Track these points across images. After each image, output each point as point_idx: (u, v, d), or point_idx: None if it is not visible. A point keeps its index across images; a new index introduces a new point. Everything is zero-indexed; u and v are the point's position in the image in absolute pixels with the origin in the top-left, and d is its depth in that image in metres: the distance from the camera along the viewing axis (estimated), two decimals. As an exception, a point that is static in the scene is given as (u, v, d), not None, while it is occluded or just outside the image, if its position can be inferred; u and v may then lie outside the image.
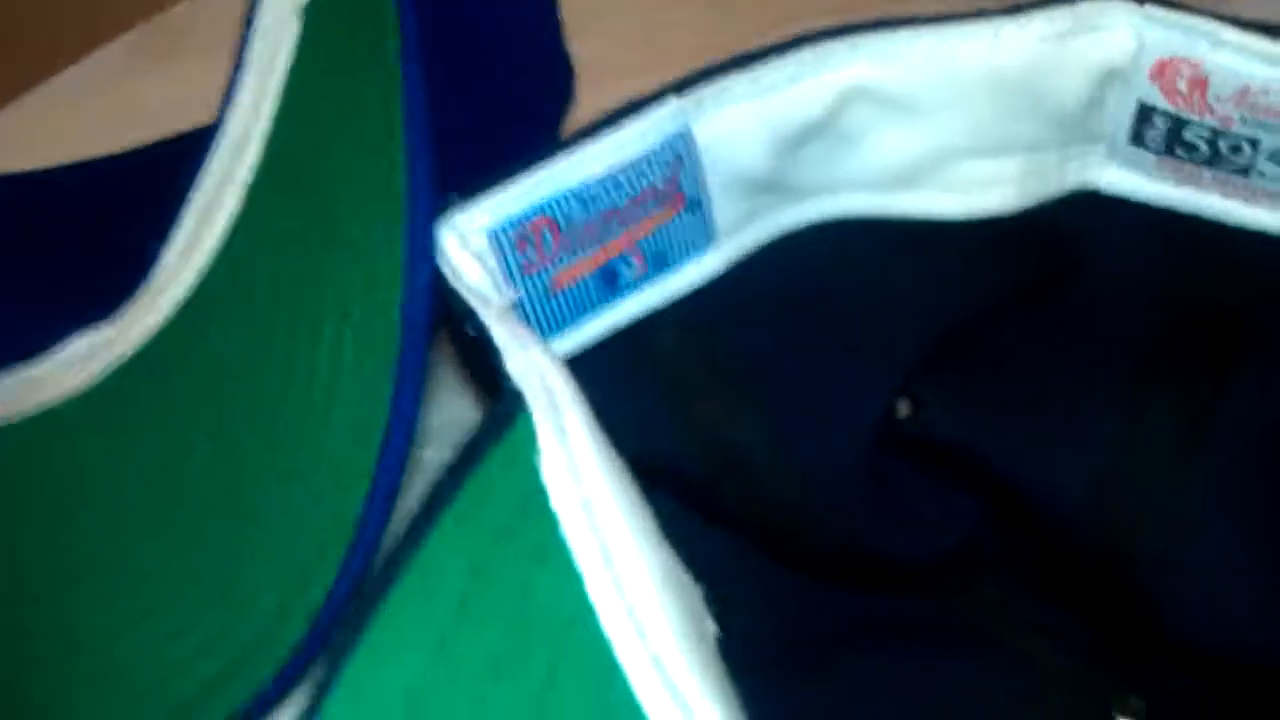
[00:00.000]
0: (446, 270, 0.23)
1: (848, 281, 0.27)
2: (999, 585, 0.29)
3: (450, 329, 0.23)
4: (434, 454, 0.24)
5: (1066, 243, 0.26)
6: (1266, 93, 0.22)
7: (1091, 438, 0.27)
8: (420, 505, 0.19)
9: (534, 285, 0.25)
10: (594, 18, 0.40)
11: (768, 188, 0.26)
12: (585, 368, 0.26)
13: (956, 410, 0.28)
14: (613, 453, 0.20)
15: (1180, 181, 0.25)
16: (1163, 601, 0.27)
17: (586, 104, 0.37)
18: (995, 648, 0.28)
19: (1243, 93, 0.23)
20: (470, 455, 0.19)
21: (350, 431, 0.23)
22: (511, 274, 0.24)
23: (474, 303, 0.21)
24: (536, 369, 0.20)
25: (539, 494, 0.19)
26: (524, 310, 0.25)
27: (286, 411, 0.24)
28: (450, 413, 0.29)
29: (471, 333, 0.21)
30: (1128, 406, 0.27)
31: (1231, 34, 0.22)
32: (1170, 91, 0.23)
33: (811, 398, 0.27)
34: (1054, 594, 0.29)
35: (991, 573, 0.29)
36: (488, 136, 0.32)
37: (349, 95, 0.26)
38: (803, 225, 0.27)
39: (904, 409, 0.28)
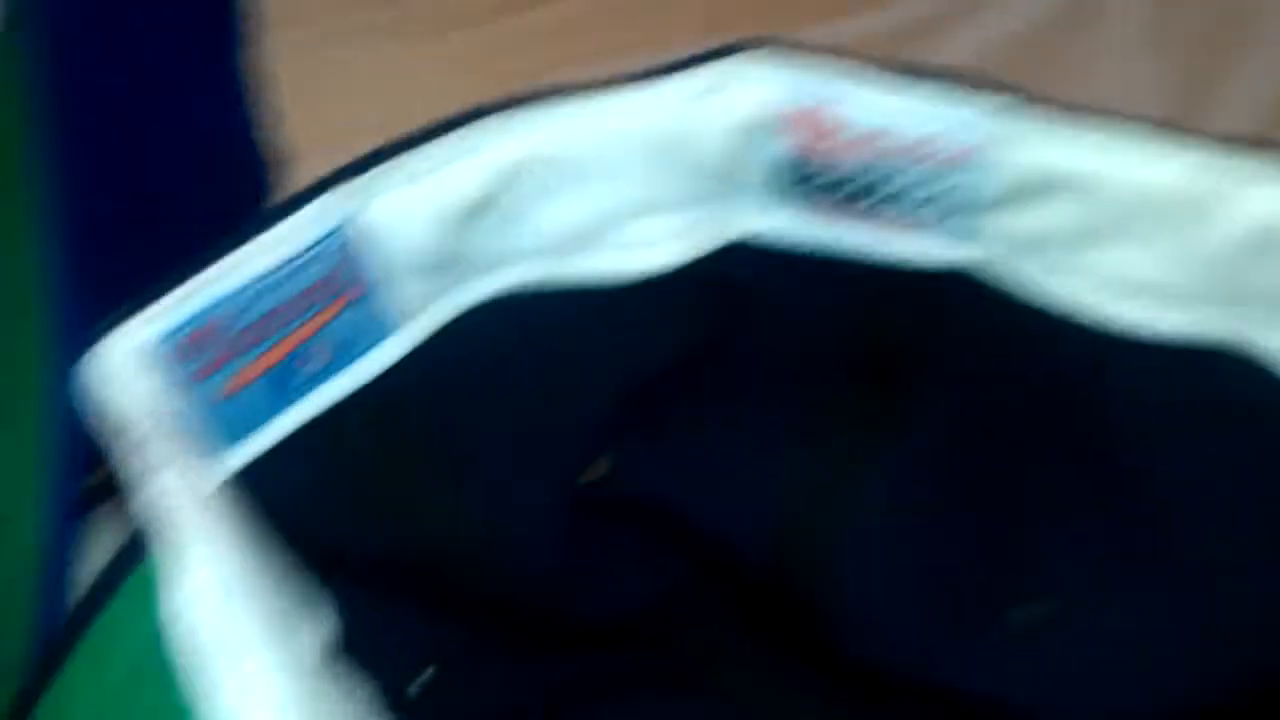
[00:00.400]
0: (93, 391, 0.21)
1: (533, 349, 0.27)
2: (714, 631, 0.29)
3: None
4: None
5: (736, 293, 0.27)
6: (892, 132, 0.24)
7: (773, 481, 0.28)
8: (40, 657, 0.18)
9: (204, 395, 0.24)
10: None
11: (444, 267, 0.26)
12: (275, 468, 0.25)
13: (648, 468, 0.28)
14: (258, 580, 0.19)
15: (833, 222, 0.26)
16: (843, 628, 0.28)
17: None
18: (716, 694, 0.29)
19: (870, 134, 0.24)
20: (99, 593, 0.18)
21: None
22: (178, 387, 0.23)
23: (116, 427, 0.20)
24: (171, 498, 0.19)
25: (163, 637, 0.18)
26: (195, 422, 0.24)
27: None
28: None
29: (109, 460, 0.20)
30: (804, 447, 0.28)
31: (860, 81, 0.24)
32: (811, 138, 0.25)
33: (507, 470, 0.27)
34: (767, 637, 0.30)
35: (705, 621, 0.29)
36: (168, 242, 0.31)
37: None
38: (486, 299, 0.27)
39: (597, 471, 0.28)
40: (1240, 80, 0.67)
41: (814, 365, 0.28)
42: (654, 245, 0.26)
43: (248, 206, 0.35)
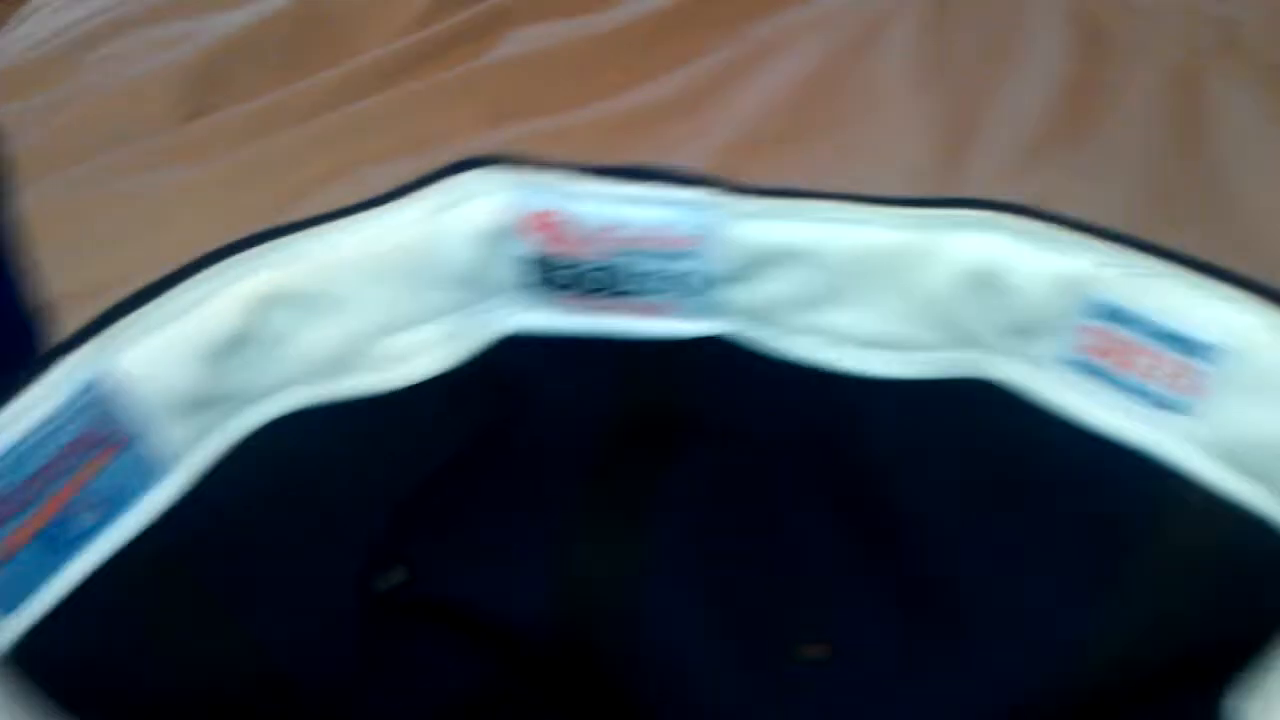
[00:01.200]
0: None
1: (309, 472, 0.28)
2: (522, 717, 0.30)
3: None
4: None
5: (508, 386, 0.29)
6: (622, 227, 0.26)
7: (552, 559, 0.29)
8: None
9: (-29, 566, 0.24)
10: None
11: (208, 404, 0.26)
12: (59, 629, 0.25)
13: (439, 570, 0.29)
14: None
15: (585, 311, 0.27)
16: (640, 692, 0.29)
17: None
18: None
19: (603, 230, 0.26)
20: None
21: None
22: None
23: None
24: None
25: None
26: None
27: None
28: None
29: None
30: (579, 523, 0.29)
31: (582, 184, 0.25)
32: (548, 240, 0.26)
33: (294, 593, 0.28)
34: (573, 713, 0.31)
35: (509, 714, 0.30)
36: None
37: None
38: (257, 428, 0.27)
39: (386, 580, 0.29)
40: (1003, 104, 0.70)
41: (587, 446, 0.29)
42: (414, 357, 0.27)
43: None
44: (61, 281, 0.39)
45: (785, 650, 0.30)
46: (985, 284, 0.25)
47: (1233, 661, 0.27)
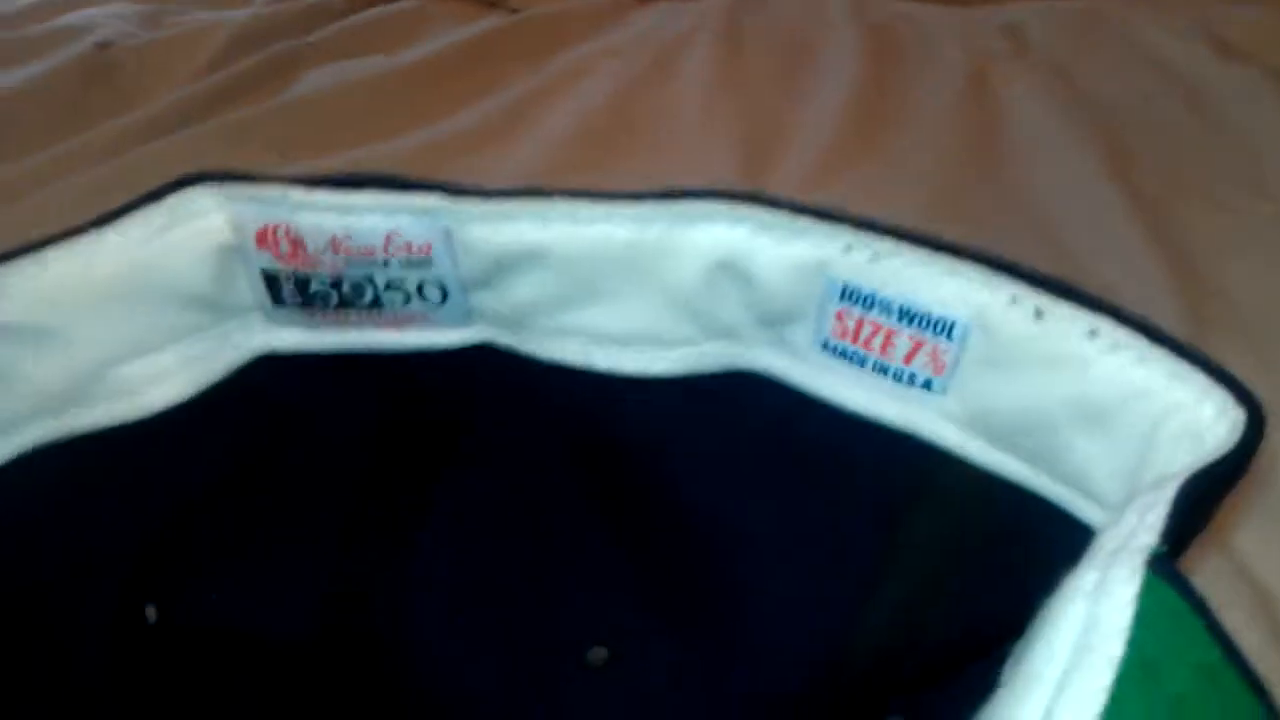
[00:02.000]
0: None
1: (58, 506, 0.26)
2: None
3: None
4: None
5: (265, 407, 0.27)
6: (351, 237, 0.25)
7: (311, 578, 0.28)
8: None
9: None
10: None
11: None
12: None
13: (196, 597, 0.28)
14: None
15: (334, 326, 0.27)
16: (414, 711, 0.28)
17: None
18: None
19: (333, 242, 0.25)
20: None
21: None
22: None
23: None
24: None
25: None
26: None
27: None
28: None
29: None
30: (344, 542, 0.28)
31: (302, 194, 0.24)
32: (279, 255, 0.25)
33: (44, 633, 0.26)
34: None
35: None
36: None
37: None
38: (3, 464, 0.26)
39: (151, 614, 0.28)
40: (801, 117, 0.72)
41: (353, 464, 0.28)
42: (153, 386, 0.26)
43: None
44: None
45: (558, 658, 0.29)
46: (731, 275, 0.25)
47: (1013, 632, 0.27)
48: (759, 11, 0.90)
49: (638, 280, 0.25)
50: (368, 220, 0.24)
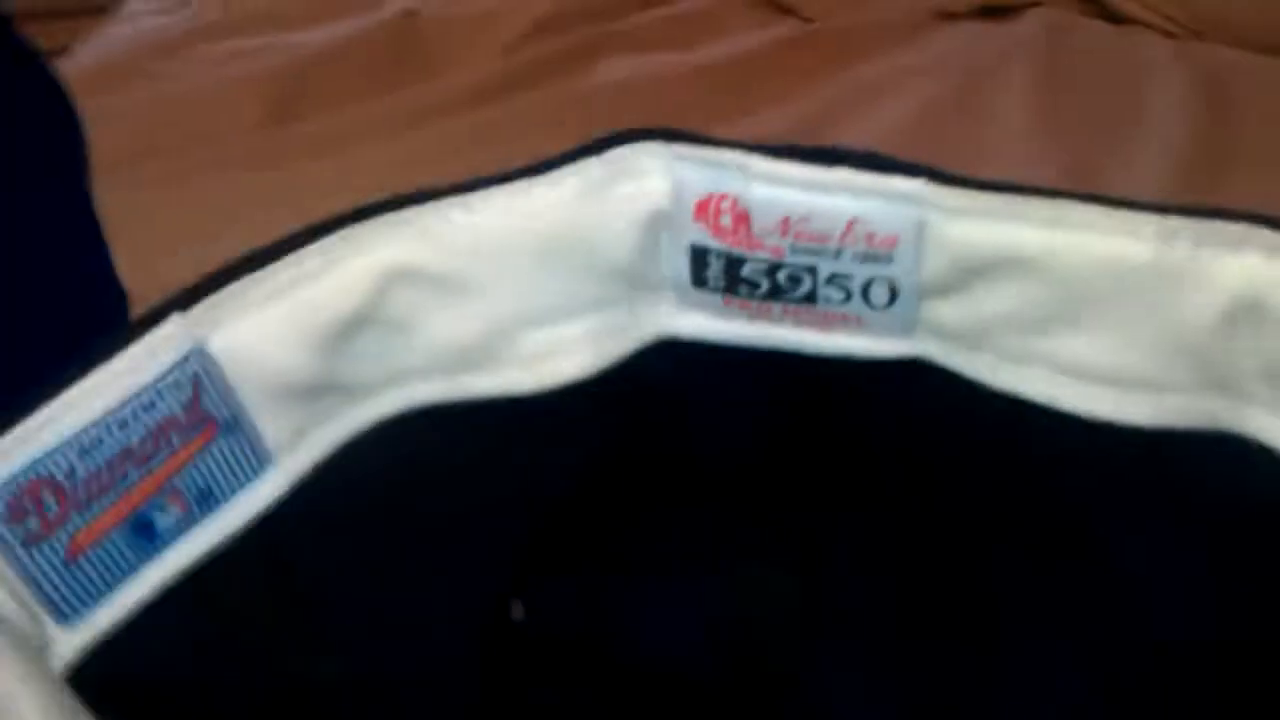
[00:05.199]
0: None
1: (432, 478, 0.24)
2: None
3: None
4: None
5: (657, 397, 0.25)
6: (808, 219, 0.22)
7: (707, 601, 0.25)
8: None
9: (46, 558, 0.20)
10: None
11: (320, 392, 0.23)
12: (144, 630, 0.22)
13: (568, 600, 0.25)
14: None
15: (752, 318, 0.24)
16: None
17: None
18: None
19: (784, 222, 0.22)
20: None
21: None
22: (13, 552, 0.20)
23: None
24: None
25: None
26: (40, 589, 0.21)
27: None
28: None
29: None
30: (738, 561, 0.25)
31: (762, 164, 0.22)
32: (717, 230, 0.22)
33: (408, 614, 0.24)
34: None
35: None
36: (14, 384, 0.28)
37: None
38: (372, 424, 0.24)
39: (518, 610, 0.25)
40: (1127, 162, 0.67)
41: (747, 469, 0.25)
42: (560, 355, 0.24)
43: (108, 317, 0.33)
44: (133, 277, 0.37)
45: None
46: (1252, 317, 0.20)
47: None
48: (1075, 41, 0.84)
49: (1144, 308, 0.21)
50: (833, 201, 0.21)
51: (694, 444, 0.25)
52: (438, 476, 0.24)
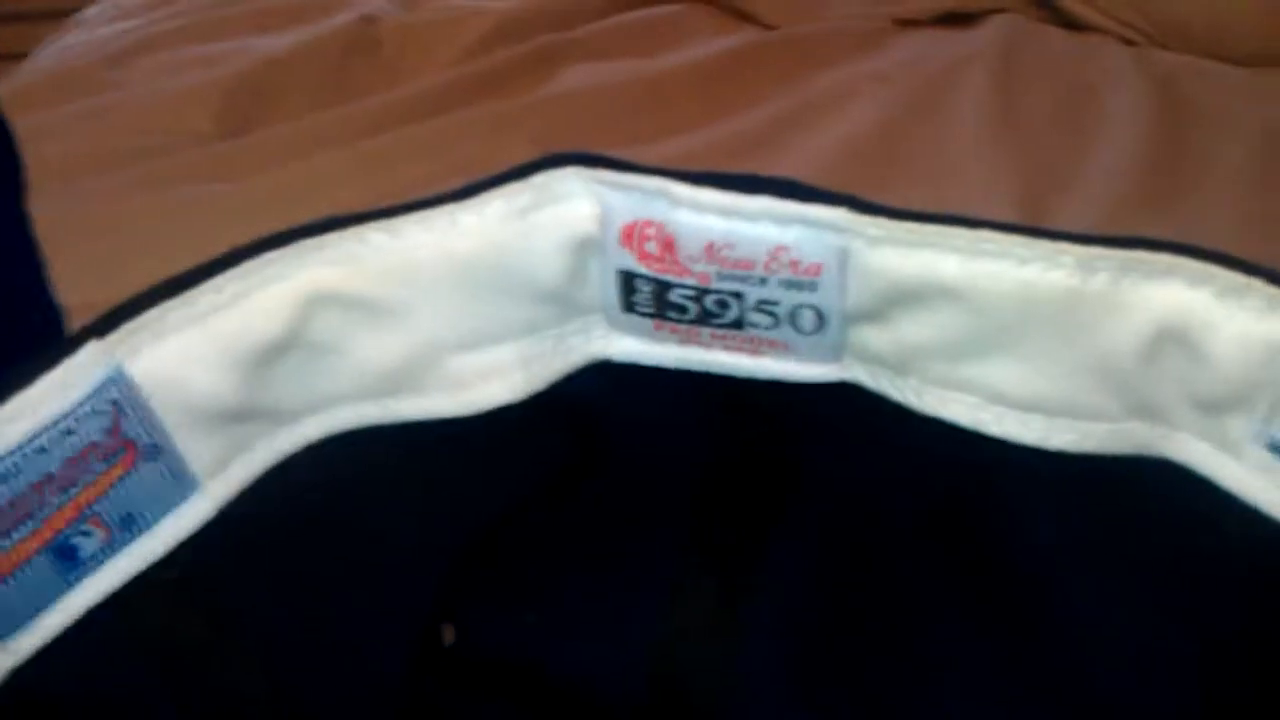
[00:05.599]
0: None
1: (360, 501, 0.24)
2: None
3: None
4: None
5: (589, 420, 0.25)
6: (732, 246, 0.22)
7: (637, 624, 0.25)
8: None
9: (-34, 582, 0.21)
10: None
11: (244, 416, 0.23)
12: (64, 656, 0.22)
13: (498, 623, 0.25)
14: None
15: (683, 342, 0.24)
16: None
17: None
18: None
19: (709, 249, 0.22)
20: None
21: None
22: (-69, 577, 0.20)
23: None
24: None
25: None
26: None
27: None
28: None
29: None
30: (669, 582, 0.25)
31: (685, 191, 0.21)
32: (644, 256, 0.22)
33: (334, 637, 0.24)
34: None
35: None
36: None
37: None
38: (299, 448, 0.24)
39: (448, 635, 0.25)
40: (1084, 169, 0.67)
41: (678, 493, 0.25)
42: (490, 378, 0.24)
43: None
44: (72, 294, 0.36)
45: None
46: (1179, 345, 0.21)
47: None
48: (1034, 47, 0.85)
49: (1066, 337, 0.21)
50: (757, 229, 0.21)
51: (625, 465, 0.25)
52: (366, 499, 0.24)
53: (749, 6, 0.89)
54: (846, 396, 0.23)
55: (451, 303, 0.23)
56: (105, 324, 0.20)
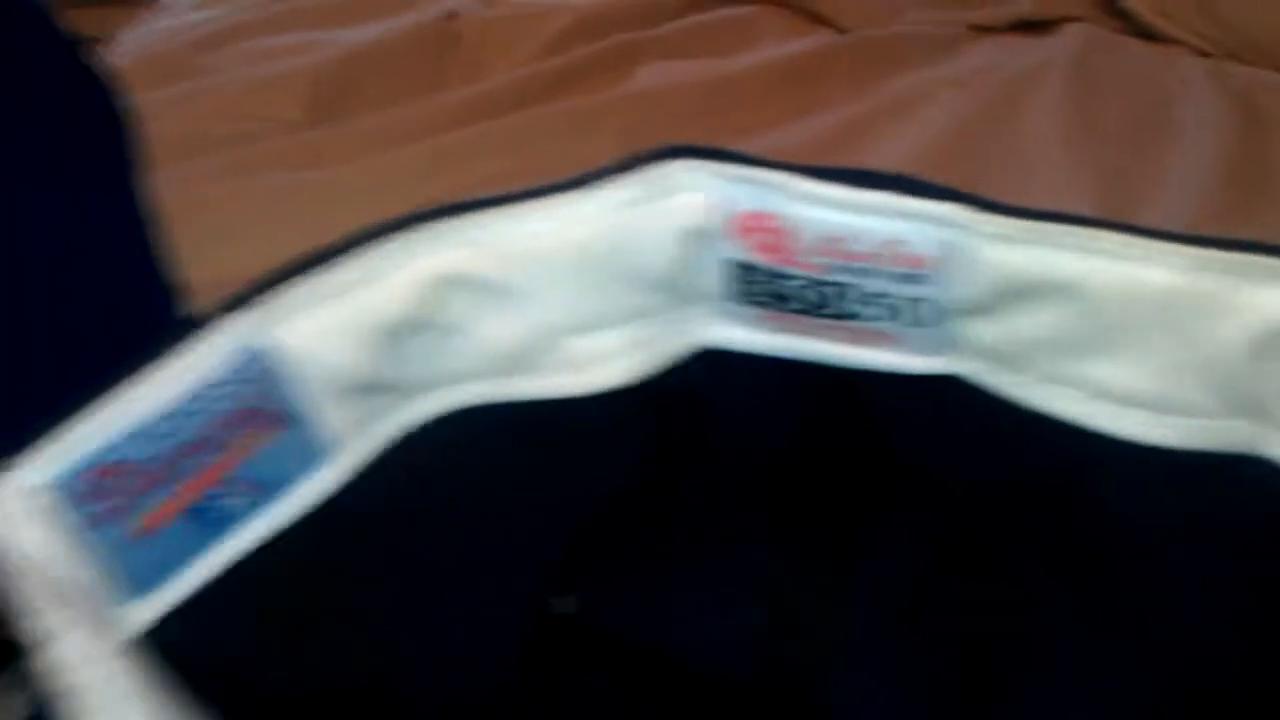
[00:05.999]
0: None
1: (480, 475, 0.25)
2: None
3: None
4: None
5: (695, 407, 0.26)
6: (847, 239, 0.22)
7: (742, 603, 0.26)
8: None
9: (113, 537, 0.22)
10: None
11: (375, 389, 0.24)
12: (196, 614, 0.23)
13: (611, 598, 0.26)
14: None
15: (789, 332, 0.24)
16: None
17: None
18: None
19: (828, 241, 0.23)
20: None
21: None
22: (86, 529, 0.21)
23: (10, 582, 0.18)
24: (71, 670, 0.17)
25: None
26: (109, 566, 0.22)
27: None
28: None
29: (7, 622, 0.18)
30: (772, 564, 0.26)
31: (805, 185, 0.22)
32: (758, 246, 0.23)
33: (454, 606, 0.25)
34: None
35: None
36: (66, 376, 0.29)
37: None
38: (424, 422, 0.25)
39: (558, 605, 0.26)
40: (1160, 178, 0.67)
41: (783, 478, 0.26)
42: (603, 362, 0.25)
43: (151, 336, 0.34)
44: (193, 270, 0.38)
45: None
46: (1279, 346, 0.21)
47: None
48: (1110, 57, 0.85)
49: (1169, 335, 0.21)
50: (871, 223, 0.22)
51: (731, 450, 0.26)
52: (486, 473, 0.25)
53: (822, 9, 0.90)
54: (950, 389, 0.24)
55: (568, 287, 0.24)
56: (249, 296, 0.22)
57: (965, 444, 0.25)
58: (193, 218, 0.61)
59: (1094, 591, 0.25)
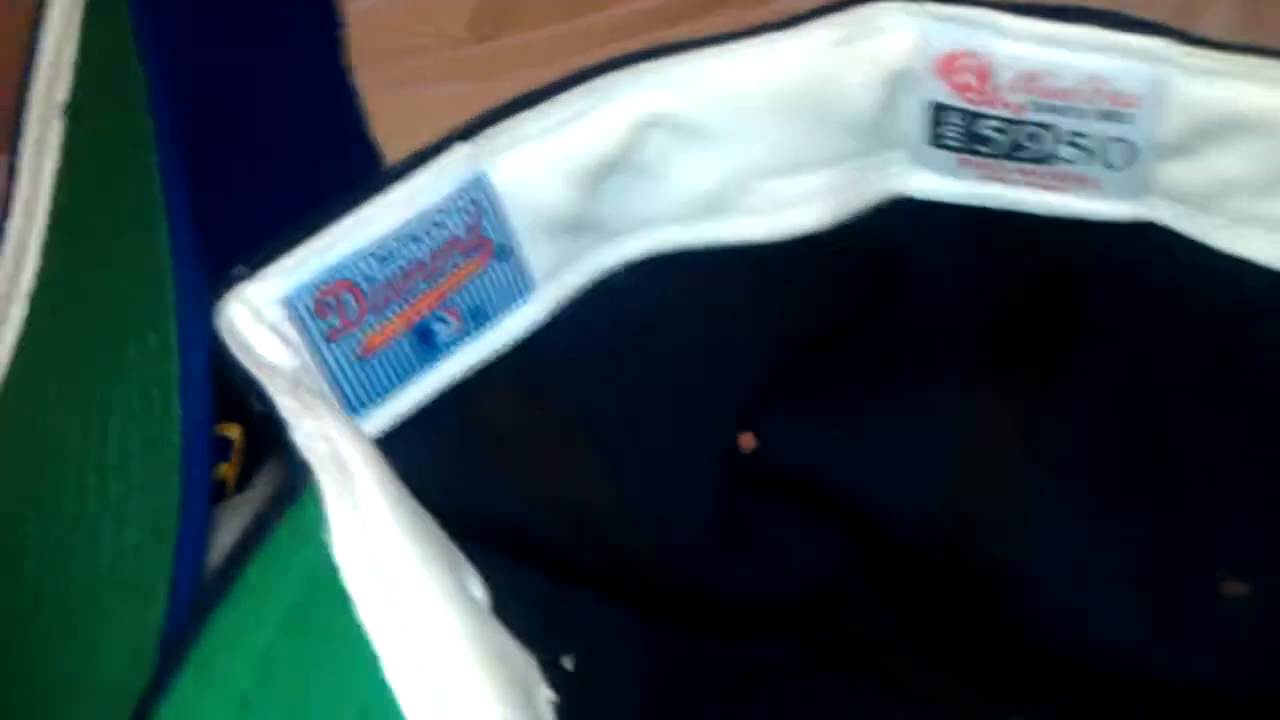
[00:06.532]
0: (233, 346, 0.21)
1: (674, 318, 0.26)
2: (868, 617, 0.28)
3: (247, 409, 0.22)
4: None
5: (886, 253, 0.26)
6: (1053, 76, 0.23)
7: (931, 448, 0.26)
8: (199, 594, 0.18)
9: (342, 352, 0.23)
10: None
11: (578, 228, 0.25)
12: (414, 437, 0.24)
13: (800, 437, 0.27)
14: (421, 521, 0.18)
15: (986, 177, 0.25)
16: (1018, 609, 0.26)
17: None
18: (871, 679, 0.27)
19: (1030, 78, 0.23)
20: (253, 537, 0.17)
21: (143, 535, 0.21)
22: (316, 343, 0.23)
23: (258, 375, 0.20)
24: (325, 437, 0.18)
25: (330, 572, 0.17)
26: (335, 380, 0.23)
27: (76, 525, 0.22)
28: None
29: (257, 407, 0.19)
30: (963, 413, 0.26)
31: (1011, 21, 0.22)
32: (959, 86, 0.23)
33: (651, 443, 0.26)
34: (923, 620, 0.28)
35: (859, 604, 0.28)
36: (283, 203, 0.31)
37: (115, 184, 0.25)
38: (622, 263, 0.26)
39: (748, 442, 0.27)
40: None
41: (972, 326, 0.26)
42: (797, 205, 0.25)
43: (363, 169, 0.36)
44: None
45: (1193, 587, 0.27)
46: None
47: None
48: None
49: None
50: (1076, 58, 0.22)
51: (919, 301, 0.26)
52: (680, 316, 0.26)
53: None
54: (1142, 236, 0.24)
55: (768, 129, 0.24)
56: (471, 129, 0.23)
57: (1153, 292, 0.24)
58: (379, 121, 0.64)
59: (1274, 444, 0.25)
